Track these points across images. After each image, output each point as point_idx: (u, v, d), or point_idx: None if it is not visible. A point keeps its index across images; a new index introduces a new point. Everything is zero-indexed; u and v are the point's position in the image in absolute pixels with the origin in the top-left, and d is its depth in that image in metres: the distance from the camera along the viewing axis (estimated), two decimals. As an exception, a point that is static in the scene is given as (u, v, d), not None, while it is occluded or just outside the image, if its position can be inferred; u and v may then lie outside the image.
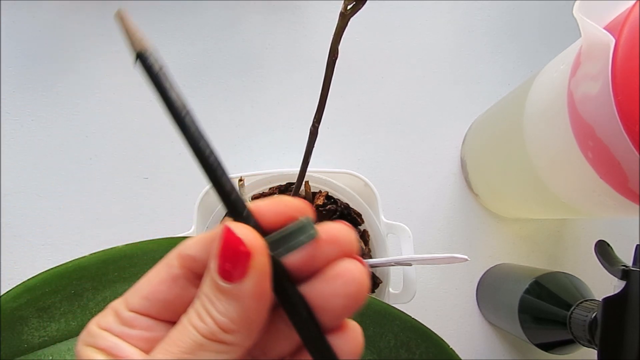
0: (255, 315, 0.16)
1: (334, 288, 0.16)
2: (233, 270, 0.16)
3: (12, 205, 0.51)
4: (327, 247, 0.17)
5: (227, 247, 0.16)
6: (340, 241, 0.17)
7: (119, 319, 0.18)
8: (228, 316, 0.16)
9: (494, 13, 0.57)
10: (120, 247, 0.31)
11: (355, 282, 0.16)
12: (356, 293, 0.16)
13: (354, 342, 0.17)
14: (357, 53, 0.55)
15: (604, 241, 0.39)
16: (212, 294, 0.16)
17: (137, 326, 0.18)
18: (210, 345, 0.16)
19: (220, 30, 0.55)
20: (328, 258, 0.17)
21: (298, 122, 0.54)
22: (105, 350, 0.17)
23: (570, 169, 0.34)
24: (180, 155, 0.53)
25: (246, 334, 0.16)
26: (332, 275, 0.17)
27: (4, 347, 0.28)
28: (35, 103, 0.53)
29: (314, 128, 0.29)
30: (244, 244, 0.16)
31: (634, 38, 0.26)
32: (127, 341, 0.18)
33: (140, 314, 0.18)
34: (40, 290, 0.29)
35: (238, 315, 0.16)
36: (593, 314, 0.38)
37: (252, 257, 0.15)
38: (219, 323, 0.16)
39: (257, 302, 0.16)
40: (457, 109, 0.56)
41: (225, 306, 0.16)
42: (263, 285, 0.16)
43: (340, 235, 0.17)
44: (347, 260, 0.17)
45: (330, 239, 0.17)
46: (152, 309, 0.18)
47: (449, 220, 0.54)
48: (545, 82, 0.37)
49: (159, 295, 0.18)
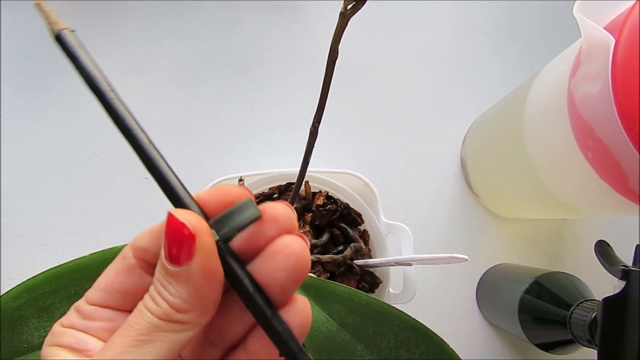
0: (207, 293, 0.17)
1: (276, 263, 0.17)
2: (179, 253, 0.16)
3: (12, 205, 0.51)
4: (268, 226, 0.17)
5: (172, 232, 0.16)
6: (280, 219, 0.17)
7: (80, 315, 0.18)
8: (180, 297, 0.17)
9: (494, 13, 0.57)
10: (120, 247, 0.31)
11: (294, 255, 0.17)
12: (297, 265, 0.17)
13: (303, 314, 0.18)
14: (357, 53, 0.55)
15: (604, 241, 0.39)
16: (164, 278, 0.17)
17: (97, 318, 0.18)
18: (165, 325, 0.17)
19: (220, 30, 0.55)
20: (270, 236, 0.17)
21: (298, 122, 0.54)
22: (69, 346, 0.18)
23: (570, 169, 0.34)
24: (180, 155, 0.53)
25: (199, 312, 0.17)
26: (272, 251, 0.17)
27: (4, 347, 0.28)
28: (35, 103, 0.53)
29: (314, 128, 0.29)
30: (186, 227, 0.16)
31: (634, 38, 0.26)
32: (90, 334, 0.18)
33: (101, 306, 0.18)
34: (40, 290, 0.29)
35: (189, 295, 0.16)
36: (593, 314, 0.38)
37: (197, 238, 0.16)
38: (171, 304, 0.17)
39: (206, 280, 0.17)
40: (457, 109, 0.56)
41: (177, 288, 0.17)
42: (210, 265, 0.17)
43: (279, 213, 0.18)
44: (286, 236, 0.17)
45: (270, 217, 0.17)
46: (111, 300, 0.18)
47: (449, 220, 0.54)
48: (545, 82, 0.37)
49: (116, 286, 0.18)
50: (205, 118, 0.53)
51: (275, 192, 0.45)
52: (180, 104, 0.54)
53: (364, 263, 0.42)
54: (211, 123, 0.53)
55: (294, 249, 0.17)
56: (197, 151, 0.53)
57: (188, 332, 0.17)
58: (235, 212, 0.17)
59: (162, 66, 0.54)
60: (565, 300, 0.42)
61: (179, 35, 0.54)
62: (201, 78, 0.54)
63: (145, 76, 0.54)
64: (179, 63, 0.54)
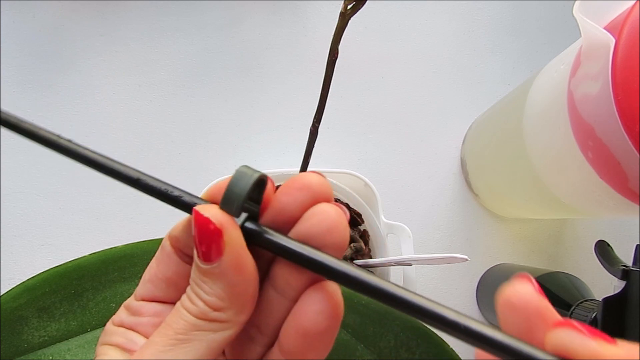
0: (242, 289, 0.16)
1: (309, 227, 0.16)
2: (209, 250, 0.16)
3: (12, 205, 0.51)
4: (299, 194, 0.17)
5: (200, 229, 0.16)
6: (313, 187, 0.17)
7: (129, 311, 0.18)
8: (215, 294, 0.16)
9: (494, 13, 0.57)
10: (120, 247, 0.31)
11: (330, 219, 0.16)
12: (332, 228, 0.16)
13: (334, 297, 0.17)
14: (357, 53, 0.55)
15: (604, 241, 0.39)
16: (198, 277, 0.17)
17: (145, 313, 0.18)
18: (203, 324, 0.16)
19: (221, 30, 0.55)
20: (302, 205, 0.17)
21: (298, 122, 0.54)
22: (119, 345, 0.18)
23: (570, 169, 0.34)
24: (180, 155, 0.53)
25: (236, 309, 0.17)
26: (306, 216, 0.17)
27: (4, 347, 0.28)
28: (35, 103, 0.53)
29: (314, 128, 0.29)
30: (212, 222, 0.16)
31: (634, 38, 0.26)
32: (139, 331, 0.18)
33: (148, 300, 0.18)
34: (40, 290, 0.29)
35: (225, 292, 0.16)
36: (593, 314, 0.38)
37: (224, 233, 0.16)
38: (207, 302, 0.16)
39: (240, 275, 0.16)
40: (457, 109, 0.56)
41: (211, 285, 0.16)
42: (241, 258, 0.16)
43: (313, 182, 0.17)
44: (322, 203, 0.17)
45: (301, 185, 0.17)
46: (157, 290, 0.18)
47: (449, 220, 0.54)
48: (545, 82, 0.37)
49: (159, 275, 0.18)
50: (205, 118, 0.53)
51: (275, 192, 0.45)
52: (180, 104, 0.54)
53: (364, 263, 0.42)
54: (211, 123, 0.53)
55: (329, 214, 0.16)
56: (197, 151, 0.53)
57: (227, 331, 0.17)
58: (234, 184, 0.16)
59: (162, 66, 0.54)
60: (565, 300, 0.42)
61: (179, 35, 0.54)
62: (201, 78, 0.54)
63: (145, 76, 0.54)
64: (179, 63, 0.54)
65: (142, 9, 0.54)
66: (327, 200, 0.17)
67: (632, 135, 0.26)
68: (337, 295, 0.17)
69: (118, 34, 0.54)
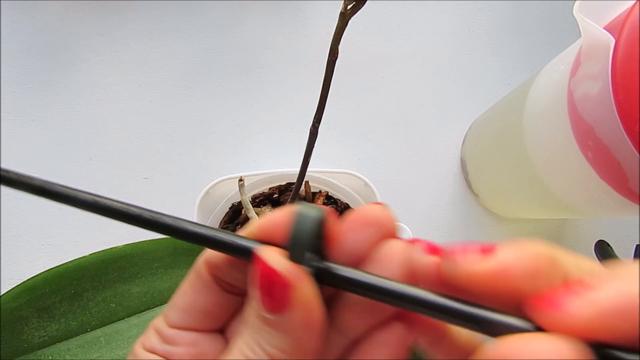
0: (309, 343, 0.15)
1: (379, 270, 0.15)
2: (276, 303, 0.14)
3: (12, 205, 0.51)
4: (368, 230, 0.16)
5: (265, 281, 0.15)
6: (382, 223, 0.16)
7: (161, 338, 0.17)
8: (279, 348, 0.15)
9: (494, 13, 0.57)
10: (120, 247, 0.31)
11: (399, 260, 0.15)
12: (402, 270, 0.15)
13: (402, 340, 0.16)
14: (357, 53, 0.55)
15: (604, 241, 0.39)
16: (258, 325, 0.15)
17: (180, 343, 0.17)
18: None
19: (220, 30, 0.55)
20: (372, 243, 0.16)
21: (298, 122, 0.54)
22: None
23: (570, 169, 0.34)
24: (180, 155, 0.53)
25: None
26: (378, 257, 0.15)
27: (4, 347, 0.28)
28: (35, 103, 0.53)
29: (314, 128, 0.29)
30: (279, 275, 0.14)
31: (634, 38, 0.26)
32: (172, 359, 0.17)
33: (182, 328, 0.17)
34: (40, 290, 0.29)
35: (289, 347, 0.15)
36: (593, 314, 0.38)
37: (293, 288, 0.14)
38: (270, 354, 0.15)
39: (307, 331, 0.15)
40: (457, 109, 0.56)
41: (275, 337, 0.15)
42: (313, 313, 0.15)
43: (381, 217, 0.16)
44: (390, 240, 0.16)
45: (370, 221, 0.16)
46: (193, 321, 0.17)
47: (449, 220, 0.54)
48: (545, 82, 0.37)
49: (196, 306, 0.17)
50: (205, 118, 0.53)
51: (276, 192, 0.45)
52: (180, 104, 0.54)
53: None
54: (211, 123, 0.53)
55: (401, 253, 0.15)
56: (197, 151, 0.53)
57: None
58: (298, 228, 0.15)
59: (162, 66, 0.54)
60: (565, 300, 0.42)
61: (179, 35, 0.54)
62: (201, 78, 0.54)
63: (145, 76, 0.54)
64: (179, 63, 0.54)
65: (142, 9, 0.54)
66: (393, 234, 0.16)
67: (632, 135, 0.26)
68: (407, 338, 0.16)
69: (118, 34, 0.54)
